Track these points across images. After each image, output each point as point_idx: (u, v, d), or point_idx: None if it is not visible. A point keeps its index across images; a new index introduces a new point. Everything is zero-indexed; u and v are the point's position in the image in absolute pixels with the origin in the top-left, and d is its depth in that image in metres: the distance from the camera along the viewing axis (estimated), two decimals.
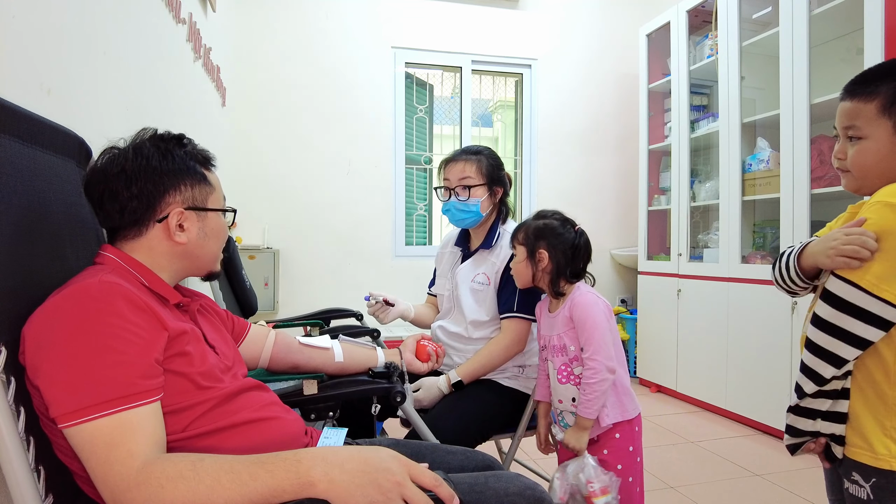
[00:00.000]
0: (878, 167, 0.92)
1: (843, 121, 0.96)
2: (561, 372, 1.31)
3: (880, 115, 0.90)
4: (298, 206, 3.42)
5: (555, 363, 1.33)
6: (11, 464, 0.63)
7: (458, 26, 3.66)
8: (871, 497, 0.89)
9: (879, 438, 0.89)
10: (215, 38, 2.64)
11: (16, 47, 0.94)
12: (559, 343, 1.32)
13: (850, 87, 0.95)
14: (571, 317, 1.29)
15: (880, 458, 0.88)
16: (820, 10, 2.32)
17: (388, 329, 3.02)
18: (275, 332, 1.20)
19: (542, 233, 1.35)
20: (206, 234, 0.88)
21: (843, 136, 0.96)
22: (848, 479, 0.94)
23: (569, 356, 1.30)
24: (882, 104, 0.90)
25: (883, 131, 0.90)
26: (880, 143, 0.91)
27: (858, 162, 0.93)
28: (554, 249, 1.33)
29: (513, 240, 1.41)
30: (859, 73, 0.96)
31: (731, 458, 2.32)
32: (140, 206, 0.81)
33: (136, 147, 0.84)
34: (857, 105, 0.92)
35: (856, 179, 0.96)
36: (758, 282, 2.59)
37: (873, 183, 0.93)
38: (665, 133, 3.44)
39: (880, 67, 0.94)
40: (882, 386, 0.89)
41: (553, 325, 1.35)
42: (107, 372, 0.65)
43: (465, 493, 0.84)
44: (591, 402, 1.23)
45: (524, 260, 1.36)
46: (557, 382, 1.32)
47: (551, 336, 1.34)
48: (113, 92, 1.40)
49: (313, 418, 1.08)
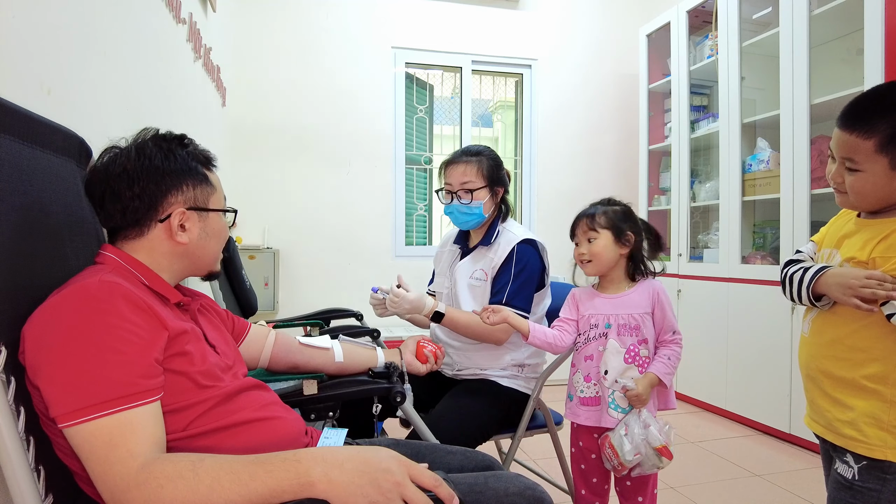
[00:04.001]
0: (874, 195, 0.97)
1: (840, 151, 0.99)
2: (630, 351, 1.32)
3: (877, 152, 0.94)
4: (298, 206, 3.42)
5: (622, 343, 1.32)
6: (11, 464, 0.63)
7: (458, 26, 3.66)
8: (857, 477, 0.98)
9: (875, 432, 0.95)
10: (215, 38, 2.64)
11: (16, 47, 0.94)
12: (631, 323, 1.33)
13: (849, 119, 0.97)
14: (654, 303, 1.34)
15: (874, 449, 0.95)
16: (820, 11, 2.33)
17: (388, 329, 3.02)
18: (275, 333, 1.20)
19: (628, 216, 1.37)
20: (208, 234, 0.88)
21: (840, 164, 1.00)
22: (840, 459, 1.01)
23: (639, 337, 1.33)
24: (880, 142, 0.93)
25: (880, 167, 0.94)
26: (877, 176, 0.95)
27: (857, 189, 0.99)
28: (641, 232, 1.37)
29: (593, 223, 1.36)
30: (856, 100, 0.99)
31: (731, 458, 2.32)
32: (142, 206, 0.81)
33: (139, 147, 0.83)
34: (855, 140, 0.96)
35: (852, 202, 1.02)
36: (758, 282, 2.59)
37: (869, 205, 1.00)
38: (665, 133, 3.44)
39: (878, 98, 0.97)
40: (884, 385, 0.94)
41: (620, 306, 1.35)
42: (107, 372, 0.65)
43: (465, 494, 0.84)
44: (674, 373, 1.33)
45: (612, 243, 1.35)
46: (622, 362, 1.32)
47: (617, 315, 1.34)
48: (113, 92, 1.40)
49: (313, 418, 1.08)
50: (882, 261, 0.95)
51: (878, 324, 0.94)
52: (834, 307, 1.03)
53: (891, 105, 0.94)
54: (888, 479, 0.94)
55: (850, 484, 0.98)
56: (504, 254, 1.52)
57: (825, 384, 1.03)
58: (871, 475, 0.96)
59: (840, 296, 0.96)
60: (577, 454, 1.40)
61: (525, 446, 2.31)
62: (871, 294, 0.91)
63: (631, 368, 1.31)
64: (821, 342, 1.05)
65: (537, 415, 1.58)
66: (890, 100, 0.95)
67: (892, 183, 0.95)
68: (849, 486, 0.98)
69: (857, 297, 0.92)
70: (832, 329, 1.03)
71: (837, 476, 1.01)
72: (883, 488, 0.94)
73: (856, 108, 0.97)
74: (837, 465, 1.02)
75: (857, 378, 0.97)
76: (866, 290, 0.91)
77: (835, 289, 0.98)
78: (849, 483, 0.98)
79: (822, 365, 1.04)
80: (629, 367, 1.31)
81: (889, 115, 0.93)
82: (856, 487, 0.97)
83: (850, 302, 0.94)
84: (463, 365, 1.58)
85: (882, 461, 0.94)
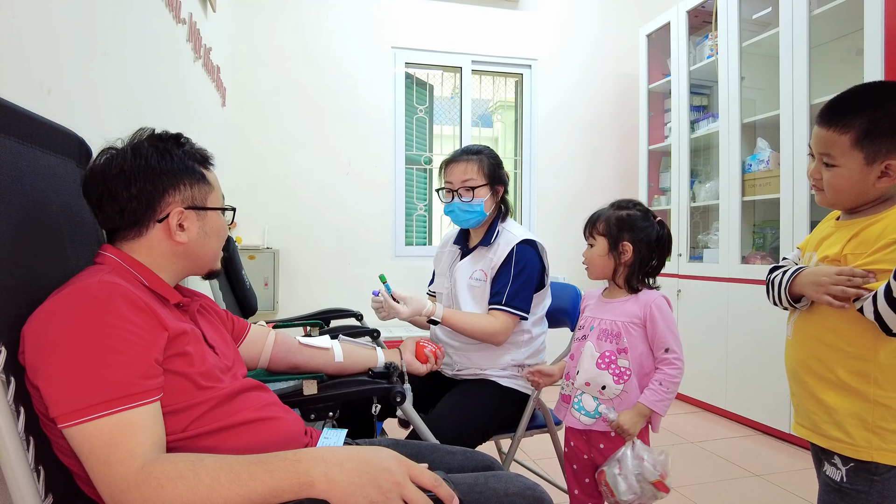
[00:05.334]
0: (849, 191, 0.99)
1: (818, 146, 1.01)
2: (603, 357, 1.27)
3: (853, 147, 0.96)
4: (298, 206, 3.42)
5: (598, 347, 1.29)
6: (11, 464, 0.63)
7: (457, 26, 3.66)
8: (845, 479, 0.98)
9: (860, 433, 0.95)
10: (215, 38, 2.64)
11: (16, 47, 0.94)
12: (612, 329, 1.28)
13: (827, 115, 0.99)
14: (646, 316, 1.26)
15: (860, 450, 0.95)
16: (820, 11, 2.32)
17: (388, 329, 3.02)
18: (274, 333, 1.20)
19: (627, 224, 1.29)
20: (207, 232, 0.88)
21: (818, 160, 1.02)
22: (829, 461, 1.01)
23: (619, 346, 1.27)
24: (855, 137, 0.95)
25: (855, 162, 0.96)
26: (853, 171, 0.97)
27: (833, 185, 1.00)
28: (639, 242, 1.28)
29: (590, 230, 1.34)
30: (837, 97, 1.00)
31: (731, 458, 2.32)
32: (140, 207, 0.81)
33: (135, 147, 0.83)
34: (832, 135, 0.98)
35: (828, 198, 1.03)
36: (758, 282, 2.59)
37: (844, 202, 1.02)
38: (665, 133, 3.44)
39: (856, 94, 0.99)
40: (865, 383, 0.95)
41: (607, 310, 1.31)
42: (106, 372, 0.65)
43: (465, 494, 0.84)
44: (667, 399, 1.22)
45: (606, 253, 1.30)
46: (594, 366, 1.28)
47: (601, 319, 1.31)
48: (113, 92, 1.40)
49: (313, 418, 1.08)
50: (853, 257, 0.96)
51: (856, 320, 0.94)
52: (813, 307, 1.03)
53: (867, 101, 0.95)
54: (876, 480, 0.94)
55: (839, 486, 0.98)
56: (503, 254, 1.52)
57: (810, 385, 1.03)
58: (859, 477, 0.96)
59: (813, 294, 0.98)
60: (570, 454, 1.39)
61: (525, 446, 2.31)
62: (840, 292, 0.92)
63: (603, 375, 1.26)
64: (803, 343, 1.06)
65: (537, 415, 1.58)
66: (866, 97, 0.97)
67: (867, 178, 0.96)
68: (837, 489, 0.98)
69: (828, 294, 0.94)
70: (812, 329, 1.04)
71: (826, 478, 1.01)
72: (871, 490, 0.94)
73: (834, 105, 0.99)
74: (826, 468, 1.02)
75: (839, 376, 0.98)
76: (836, 287, 0.93)
77: (808, 287, 0.99)
78: (837, 485, 0.98)
79: (805, 366, 1.04)
80: (601, 374, 1.27)
81: (865, 111, 0.94)
82: (844, 489, 0.97)
83: (822, 299, 0.95)
84: (463, 365, 1.58)
85: (869, 462, 0.94)
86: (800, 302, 1.05)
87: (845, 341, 0.97)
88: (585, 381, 1.29)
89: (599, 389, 1.27)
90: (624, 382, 1.24)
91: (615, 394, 1.25)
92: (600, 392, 1.27)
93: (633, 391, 1.24)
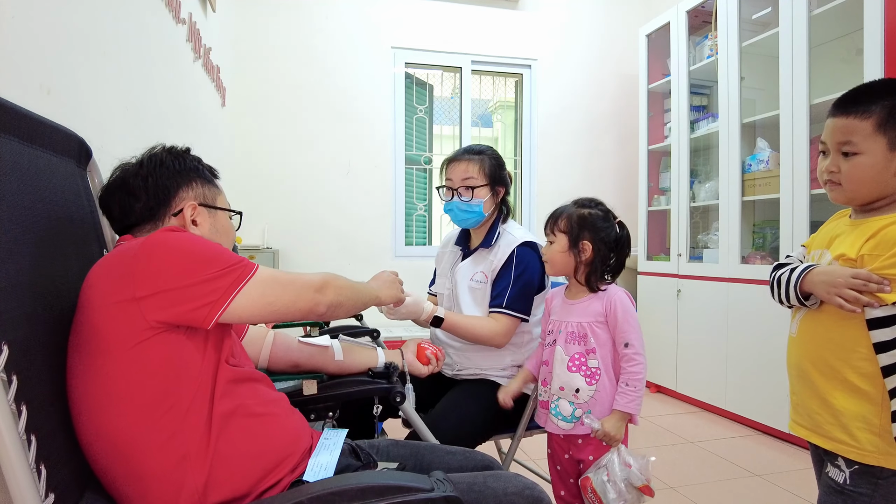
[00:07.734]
0: (872, 181, 0.96)
1: (836, 136, 1.00)
2: (574, 360, 1.27)
3: (876, 131, 0.94)
4: (298, 206, 3.42)
5: (567, 350, 1.29)
6: (11, 464, 0.63)
7: (457, 26, 3.66)
8: (848, 482, 0.96)
9: (866, 436, 0.94)
10: (215, 38, 2.64)
11: (16, 47, 0.94)
12: (578, 331, 1.28)
13: (843, 105, 0.99)
14: (608, 312, 1.26)
15: (866, 454, 0.94)
16: (820, 11, 2.33)
17: (388, 329, 3.02)
18: (273, 332, 1.20)
19: (588, 223, 1.30)
20: (217, 230, 0.93)
21: (836, 152, 1.00)
22: (832, 463, 1.00)
23: (587, 347, 1.27)
24: (878, 121, 0.94)
25: (878, 147, 0.95)
26: (876, 158, 0.95)
27: (854, 176, 0.98)
28: (599, 242, 1.29)
29: (552, 226, 1.35)
30: (849, 91, 1.00)
31: (731, 458, 2.32)
32: (156, 201, 0.87)
33: (150, 154, 0.92)
34: (853, 122, 0.96)
35: (846, 192, 1.00)
36: (758, 282, 2.59)
37: (864, 195, 0.99)
38: (665, 133, 3.44)
39: (870, 87, 0.99)
40: (874, 385, 0.93)
41: (572, 313, 1.31)
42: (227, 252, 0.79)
43: (465, 493, 0.84)
44: (638, 397, 1.22)
45: (566, 250, 1.31)
46: (566, 370, 1.28)
47: (567, 322, 1.31)
48: (113, 92, 1.40)
49: (313, 418, 1.08)
50: (870, 258, 0.94)
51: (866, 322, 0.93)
52: (822, 306, 1.01)
53: (883, 91, 0.95)
54: (880, 483, 0.93)
55: (842, 488, 0.97)
56: (504, 256, 1.51)
57: (816, 384, 1.02)
58: (862, 479, 0.95)
59: (825, 294, 0.96)
60: (553, 455, 1.39)
61: (525, 446, 2.31)
62: (853, 297, 0.91)
63: (575, 378, 1.26)
64: (810, 341, 1.04)
65: None
66: (881, 88, 0.97)
67: (890, 167, 0.94)
68: (840, 491, 0.97)
69: (840, 296, 0.93)
70: (821, 328, 1.02)
71: (828, 480, 1.00)
72: (874, 493, 0.93)
73: (849, 97, 0.99)
74: (828, 469, 1.00)
75: (847, 377, 0.96)
76: (850, 291, 0.91)
77: (820, 287, 0.97)
78: (840, 487, 0.97)
79: (811, 364, 1.03)
80: (572, 377, 1.26)
81: (885, 97, 0.94)
82: (847, 492, 0.96)
83: (834, 301, 0.94)
84: (463, 365, 1.58)
85: (874, 466, 0.93)
86: (809, 300, 1.03)
87: (855, 342, 0.95)
88: (560, 386, 1.29)
89: (574, 393, 1.27)
90: (596, 382, 1.25)
91: (590, 395, 1.25)
92: (574, 396, 1.27)
93: (605, 389, 1.25)
